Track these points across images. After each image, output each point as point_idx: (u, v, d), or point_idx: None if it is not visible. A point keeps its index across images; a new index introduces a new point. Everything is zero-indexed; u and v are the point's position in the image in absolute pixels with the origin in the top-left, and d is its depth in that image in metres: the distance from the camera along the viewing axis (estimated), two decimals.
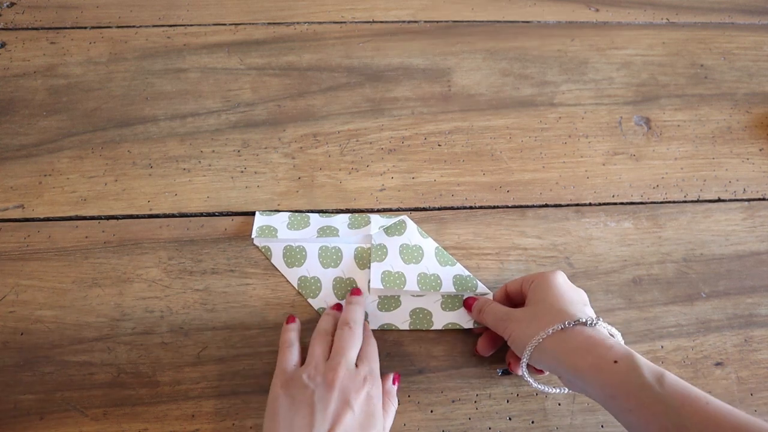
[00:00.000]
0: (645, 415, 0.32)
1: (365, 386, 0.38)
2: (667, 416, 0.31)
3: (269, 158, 0.52)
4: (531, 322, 0.38)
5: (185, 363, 0.43)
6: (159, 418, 0.42)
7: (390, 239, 0.48)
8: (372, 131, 0.54)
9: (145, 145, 0.52)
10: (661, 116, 0.57)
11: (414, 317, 0.45)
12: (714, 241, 0.50)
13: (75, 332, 0.44)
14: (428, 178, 0.52)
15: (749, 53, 0.61)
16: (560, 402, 0.44)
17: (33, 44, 0.57)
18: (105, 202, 0.49)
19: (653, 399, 0.32)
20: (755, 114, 0.58)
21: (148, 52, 0.57)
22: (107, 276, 0.46)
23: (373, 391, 0.38)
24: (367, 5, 0.62)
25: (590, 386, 0.34)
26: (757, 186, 0.54)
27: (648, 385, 0.32)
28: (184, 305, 0.45)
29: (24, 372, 0.43)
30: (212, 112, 0.54)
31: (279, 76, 0.56)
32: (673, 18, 0.63)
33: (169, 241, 0.48)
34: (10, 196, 0.49)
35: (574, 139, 0.55)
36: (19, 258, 0.46)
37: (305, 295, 0.46)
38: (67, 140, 0.52)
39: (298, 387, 0.38)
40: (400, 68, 0.58)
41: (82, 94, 0.54)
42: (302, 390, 0.37)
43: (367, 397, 0.37)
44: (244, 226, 0.49)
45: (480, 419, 0.43)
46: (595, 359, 0.34)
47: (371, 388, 0.38)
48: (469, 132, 0.55)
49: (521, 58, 0.59)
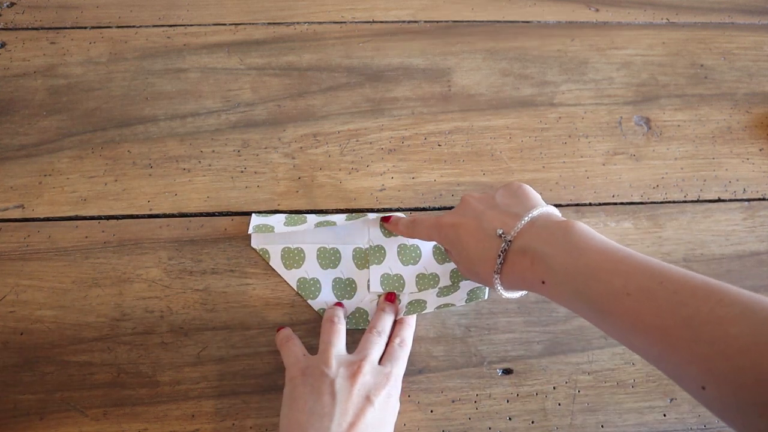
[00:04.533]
0: (586, 318, 0.33)
1: (387, 385, 0.38)
2: (597, 318, 0.32)
3: (269, 158, 0.52)
4: (471, 273, 0.39)
5: (185, 363, 0.43)
6: (159, 418, 0.42)
7: (388, 240, 0.48)
8: (372, 131, 0.54)
9: (145, 145, 0.52)
10: (661, 116, 0.57)
11: (410, 307, 0.45)
12: (714, 241, 0.50)
13: (75, 332, 0.44)
14: (428, 178, 0.52)
15: (749, 53, 0.61)
16: (560, 402, 0.44)
17: (33, 44, 0.57)
18: (105, 202, 0.49)
19: (582, 308, 0.32)
20: (755, 114, 0.58)
21: (148, 52, 0.57)
22: (107, 276, 0.46)
23: (392, 391, 0.38)
24: (367, 5, 0.62)
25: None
26: (757, 186, 0.54)
27: (572, 297, 0.32)
28: (184, 305, 0.45)
29: (24, 372, 0.43)
30: (212, 112, 0.54)
31: (279, 76, 0.56)
32: (673, 18, 0.63)
33: (169, 241, 0.48)
34: (10, 196, 0.49)
35: (574, 139, 0.55)
36: (19, 258, 0.46)
37: (305, 297, 0.46)
38: (67, 140, 0.52)
39: (317, 375, 0.37)
40: (400, 68, 0.58)
41: (82, 94, 0.54)
42: (321, 378, 0.37)
43: (387, 397, 0.37)
44: (244, 226, 0.49)
45: (480, 419, 0.43)
46: (530, 284, 0.35)
47: (392, 389, 0.38)
48: (469, 132, 0.55)
49: (521, 58, 0.59)
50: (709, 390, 0.26)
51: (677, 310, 0.28)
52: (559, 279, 0.32)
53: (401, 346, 0.41)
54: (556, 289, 0.33)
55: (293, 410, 0.36)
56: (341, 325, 0.42)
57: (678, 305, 0.28)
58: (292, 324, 0.45)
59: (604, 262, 0.31)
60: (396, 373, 0.39)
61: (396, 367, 0.40)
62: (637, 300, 0.29)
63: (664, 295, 0.28)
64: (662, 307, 0.28)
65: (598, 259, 0.31)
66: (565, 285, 0.32)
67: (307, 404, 0.36)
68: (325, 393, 0.36)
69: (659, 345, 0.28)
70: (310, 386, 0.37)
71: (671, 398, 0.44)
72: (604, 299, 0.30)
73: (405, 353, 0.41)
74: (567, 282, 0.32)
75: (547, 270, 0.33)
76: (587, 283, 0.31)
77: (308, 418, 0.35)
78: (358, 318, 0.45)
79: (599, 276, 0.31)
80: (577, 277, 0.32)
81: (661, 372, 0.30)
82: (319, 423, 0.35)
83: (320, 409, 0.35)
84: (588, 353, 0.45)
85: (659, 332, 0.28)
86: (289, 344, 0.41)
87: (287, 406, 0.37)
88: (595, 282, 0.31)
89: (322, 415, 0.35)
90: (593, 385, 0.44)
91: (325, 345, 0.40)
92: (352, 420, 0.35)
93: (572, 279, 0.32)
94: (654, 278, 0.29)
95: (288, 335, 0.42)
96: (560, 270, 0.32)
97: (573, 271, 0.32)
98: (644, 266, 0.30)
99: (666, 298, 0.28)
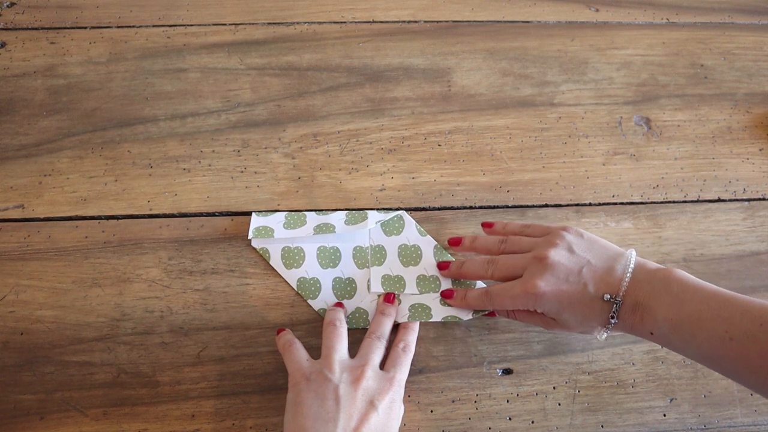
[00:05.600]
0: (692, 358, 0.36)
1: (391, 390, 0.38)
2: (704, 361, 0.35)
3: (269, 158, 0.52)
4: (575, 332, 0.41)
5: (185, 363, 0.43)
6: (159, 418, 0.42)
7: (388, 239, 0.48)
8: (372, 131, 0.54)
9: (145, 145, 0.52)
10: (661, 116, 0.57)
11: (413, 311, 0.45)
12: (714, 241, 0.50)
13: (75, 332, 0.44)
14: (428, 178, 0.52)
15: (749, 53, 0.61)
16: (560, 402, 0.44)
17: (33, 44, 0.57)
18: (105, 202, 0.49)
19: (689, 354, 0.36)
20: (755, 114, 0.58)
21: (148, 52, 0.57)
22: (107, 276, 0.46)
23: (395, 396, 0.38)
24: (367, 5, 0.62)
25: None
26: (757, 186, 0.54)
27: (680, 347, 0.36)
28: (184, 305, 0.45)
29: (24, 372, 0.43)
30: (212, 112, 0.54)
31: (279, 76, 0.56)
32: (673, 18, 0.63)
33: (169, 241, 0.48)
34: (10, 196, 0.49)
35: (574, 139, 0.55)
36: (19, 258, 0.46)
37: (305, 296, 0.46)
38: (67, 140, 0.52)
39: (320, 380, 0.37)
40: (400, 68, 0.58)
41: (82, 94, 0.54)
42: (325, 383, 0.37)
43: (390, 402, 0.38)
44: (244, 226, 0.49)
45: (480, 419, 0.43)
46: (640, 334, 0.38)
47: (395, 394, 0.38)
48: (469, 132, 0.55)
49: (521, 58, 0.59)
50: None
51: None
52: (666, 331, 0.35)
53: (405, 351, 0.41)
54: (665, 339, 0.36)
55: (297, 416, 0.36)
56: (343, 328, 0.42)
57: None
58: (292, 324, 0.45)
59: (706, 311, 0.34)
60: (399, 378, 0.39)
61: (399, 372, 0.40)
62: (741, 344, 0.32)
63: (765, 337, 0.31)
64: (765, 349, 0.31)
65: (700, 308, 0.34)
66: (672, 335, 0.35)
67: (311, 409, 0.36)
68: (329, 398, 0.36)
69: (763, 379, 0.31)
70: (314, 392, 0.37)
71: (671, 398, 0.44)
72: (710, 345, 0.33)
73: (408, 358, 0.41)
74: (673, 333, 0.35)
75: (655, 323, 0.36)
76: (692, 333, 0.34)
77: (313, 424, 0.35)
78: (358, 318, 0.45)
79: (702, 325, 0.34)
80: (682, 327, 0.34)
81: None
82: (324, 428, 0.35)
83: (325, 414, 0.35)
84: (588, 353, 0.45)
85: (767, 372, 0.31)
86: (292, 349, 0.41)
87: (291, 412, 0.37)
88: (699, 330, 0.34)
89: (327, 420, 0.35)
90: (593, 385, 0.44)
91: (328, 350, 0.40)
92: (356, 425, 0.35)
93: (678, 330, 0.35)
94: (755, 321, 0.32)
95: (289, 340, 0.42)
96: (666, 323, 0.35)
97: (677, 323, 0.35)
98: (744, 309, 0.33)
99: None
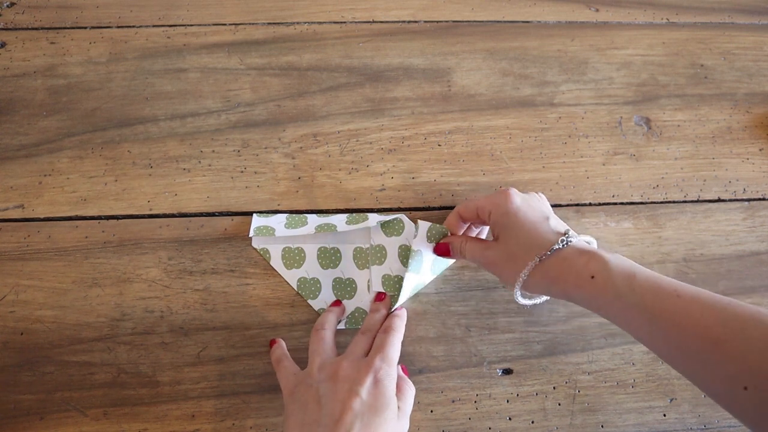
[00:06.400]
0: (625, 320, 0.35)
1: (370, 372, 0.37)
2: (642, 317, 0.33)
3: (269, 158, 0.52)
4: (508, 262, 0.39)
5: (185, 363, 0.43)
6: (159, 418, 0.42)
7: (389, 240, 0.48)
8: (372, 131, 0.54)
9: (145, 145, 0.52)
10: (661, 116, 0.57)
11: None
12: (714, 241, 0.50)
13: (75, 332, 0.44)
14: (428, 178, 0.52)
15: (749, 53, 0.61)
16: (560, 402, 0.44)
17: (33, 44, 0.57)
18: (105, 202, 0.49)
19: (628, 305, 0.34)
20: (755, 114, 0.58)
21: (148, 52, 0.57)
22: (107, 276, 0.46)
23: (380, 374, 0.37)
24: (367, 5, 0.62)
25: (578, 302, 0.37)
26: (757, 186, 0.54)
27: (622, 293, 0.34)
28: (184, 305, 0.45)
29: (24, 372, 0.43)
30: (212, 112, 0.54)
31: (279, 76, 0.56)
32: (673, 18, 0.63)
33: (169, 241, 0.48)
34: (10, 196, 0.49)
35: (574, 139, 0.55)
36: (19, 258, 0.46)
37: (305, 297, 0.46)
38: (67, 140, 0.52)
39: (302, 389, 0.38)
40: (400, 68, 0.58)
41: (82, 94, 0.54)
42: (307, 390, 0.37)
43: (374, 381, 0.37)
44: (244, 226, 0.49)
45: (480, 419, 0.43)
46: (575, 279, 0.36)
47: (378, 372, 0.38)
48: (469, 132, 0.55)
49: (521, 58, 0.59)
50: (751, 391, 0.26)
51: (725, 309, 0.30)
52: (611, 275, 0.35)
53: (385, 332, 0.41)
54: (603, 285, 0.35)
55: (287, 429, 0.37)
56: (327, 331, 0.42)
57: (725, 305, 0.30)
58: (292, 324, 0.45)
59: (657, 276, 0.35)
60: (380, 358, 0.38)
61: (380, 353, 0.39)
62: (686, 301, 0.32)
63: (712, 298, 0.31)
64: (710, 307, 0.31)
65: (653, 273, 0.35)
66: (615, 280, 0.34)
67: (296, 419, 0.36)
68: (311, 402, 0.37)
69: (701, 343, 0.30)
70: (298, 402, 0.37)
71: (671, 398, 0.44)
72: (655, 298, 0.33)
73: (391, 338, 0.40)
74: (618, 277, 0.34)
75: (603, 267, 0.35)
76: (639, 283, 0.34)
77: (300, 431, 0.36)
78: (358, 318, 0.45)
79: (651, 280, 0.34)
80: (632, 277, 0.34)
81: (690, 378, 0.32)
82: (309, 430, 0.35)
83: (309, 418, 0.36)
84: (588, 353, 0.45)
85: (704, 330, 0.30)
86: (281, 365, 0.41)
87: (282, 426, 0.38)
88: (647, 282, 0.34)
89: (311, 423, 0.35)
90: (593, 385, 0.44)
91: (311, 356, 0.40)
92: (338, 415, 0.35)
93: (625, 278, 0.34)
94: (704, 289, 0.33)
95: (280, 356, 0.42)
96: (616, 269, 0.35)
97: (629, 272, 0.35)
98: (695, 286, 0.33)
99: (714, 300, 0.31)
